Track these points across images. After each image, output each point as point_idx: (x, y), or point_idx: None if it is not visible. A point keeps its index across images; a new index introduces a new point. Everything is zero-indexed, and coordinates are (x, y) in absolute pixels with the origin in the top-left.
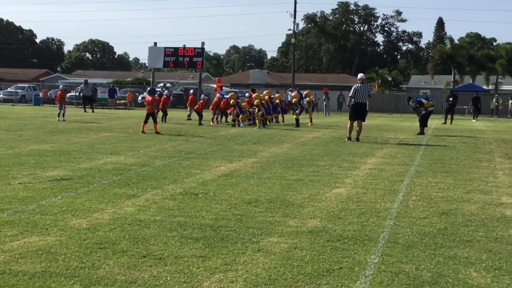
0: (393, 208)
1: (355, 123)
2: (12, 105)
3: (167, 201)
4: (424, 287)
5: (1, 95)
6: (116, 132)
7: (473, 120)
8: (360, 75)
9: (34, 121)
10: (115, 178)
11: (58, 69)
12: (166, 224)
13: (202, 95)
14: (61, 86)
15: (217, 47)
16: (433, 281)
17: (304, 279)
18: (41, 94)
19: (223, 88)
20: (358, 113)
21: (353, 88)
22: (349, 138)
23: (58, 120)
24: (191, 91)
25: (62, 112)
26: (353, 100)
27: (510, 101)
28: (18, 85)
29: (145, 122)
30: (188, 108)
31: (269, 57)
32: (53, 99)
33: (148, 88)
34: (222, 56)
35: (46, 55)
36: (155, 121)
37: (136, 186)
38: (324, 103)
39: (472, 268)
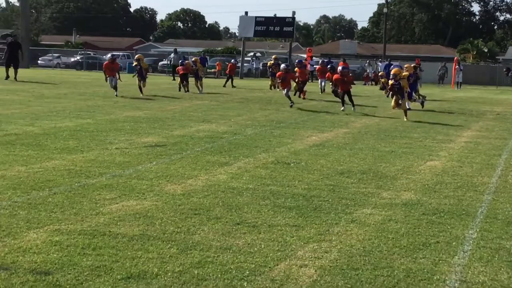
0: (491, 183)
1: None
2: None
3: (259, 170)
4: None
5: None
6: (207, 100)
7: None
8: None
9: (129, 89)
10: (208, 145)
11: (151, 38)
12: (259, 193)
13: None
14: (109, 55)
15: (307, 17)
16: None
17: (400, 252)
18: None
19: (313, 58)
20: None
21: None
22: None
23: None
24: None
25: (113, 84)
26: None
27: None
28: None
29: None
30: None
31: (359, 27)
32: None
33: (297, 60)
34: (312, 26)
35: (140, 24)
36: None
37: (228, 154)
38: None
39: None
